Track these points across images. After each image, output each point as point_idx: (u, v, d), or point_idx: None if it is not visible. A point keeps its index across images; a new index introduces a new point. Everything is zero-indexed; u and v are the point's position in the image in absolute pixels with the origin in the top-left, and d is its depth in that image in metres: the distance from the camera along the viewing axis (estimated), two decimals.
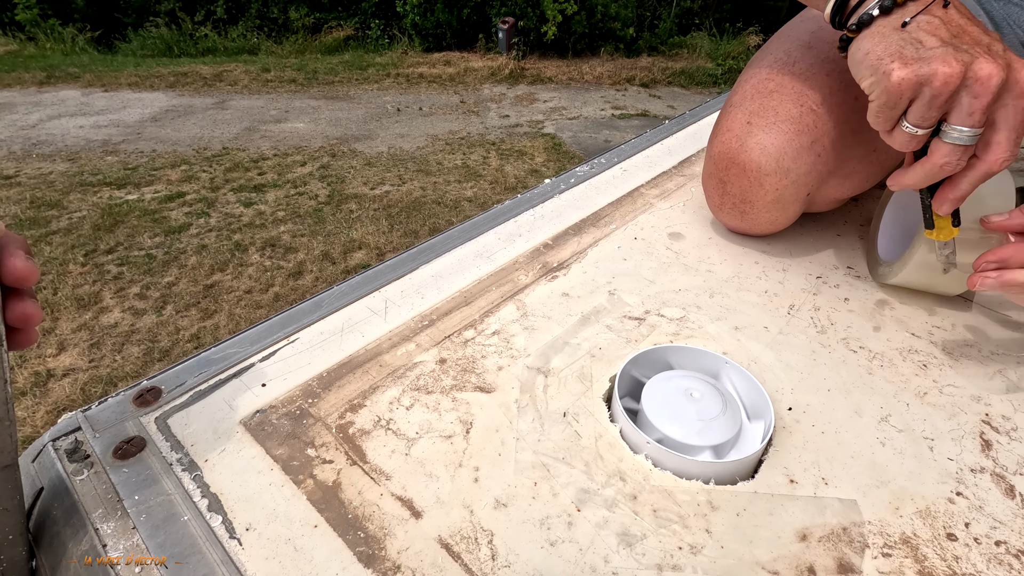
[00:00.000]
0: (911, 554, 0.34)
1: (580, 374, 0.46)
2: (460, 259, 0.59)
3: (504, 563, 0.34)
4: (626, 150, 0.80)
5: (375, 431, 0.41)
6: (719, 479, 0.39)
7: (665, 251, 0.61)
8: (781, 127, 0.54)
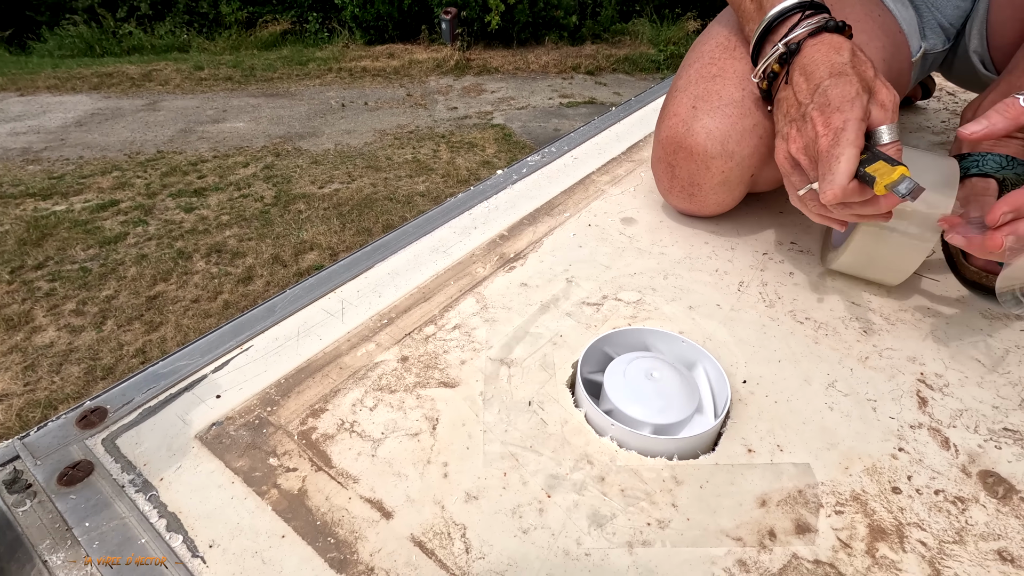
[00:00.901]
0: (861, 509, 0.37)
1: (543, 362, 0.47)
2: (416, 255, 0.58)
3: (479, 555, 0.34)
4: (575, 138, 0.81)
5: (339, 435, 0.41)
6: (682, 454, 0.40)
7: (619, 236, 0.62)
8: (725, 111, 0.56)
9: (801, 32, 0.46)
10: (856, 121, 0.41)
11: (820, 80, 0.44)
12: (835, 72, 0.43)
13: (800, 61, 0.46)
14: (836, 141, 0.41)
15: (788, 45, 0.47)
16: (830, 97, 0.43)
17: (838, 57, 0.44)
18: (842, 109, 0.42)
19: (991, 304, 0.53)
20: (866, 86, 0.43)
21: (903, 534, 0.35)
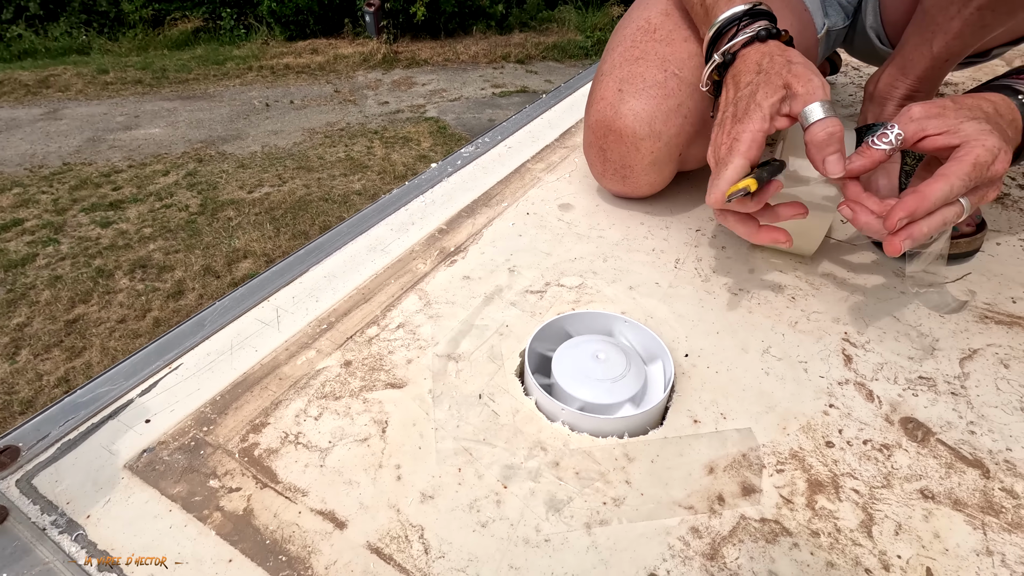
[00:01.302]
0: (799, 466, 0.39)
1: (490, 354, 0.46)
2: (353, 255, 0.56)
3: (438, 554, 0.33)
4: (508, 127, 0.80)
5: (284, 448, 0.39)
6: (632, 432, 0.41)
7: (557, 223, 0.62)
8: (649, 92, 0.57)
9: (736, 43, 0.47)
10: (752, 133, 0.42)
11: (740, 89, 0.45)
12: (753, 82, 0.45)
13: (732, 71, 0.47)
14: (729, 150, 0.43)
15: (724, 56, 0.48)
16: (739, 108, 0.44)
17: (756, 68, 0.45)
18: (743, 120, 0.43)
19: (903, 265, 0.57)
20: (776, 88, 0.43)
21: (838, 484, 0.38)
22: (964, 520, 0.36)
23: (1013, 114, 0.42)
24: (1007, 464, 0.39)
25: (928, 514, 0.36)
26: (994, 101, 0.42)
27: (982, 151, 0.38)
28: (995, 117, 0.41)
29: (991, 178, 0.39)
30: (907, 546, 0.34)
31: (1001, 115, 0.41)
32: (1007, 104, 0.42)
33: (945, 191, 0.38)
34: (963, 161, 0.38)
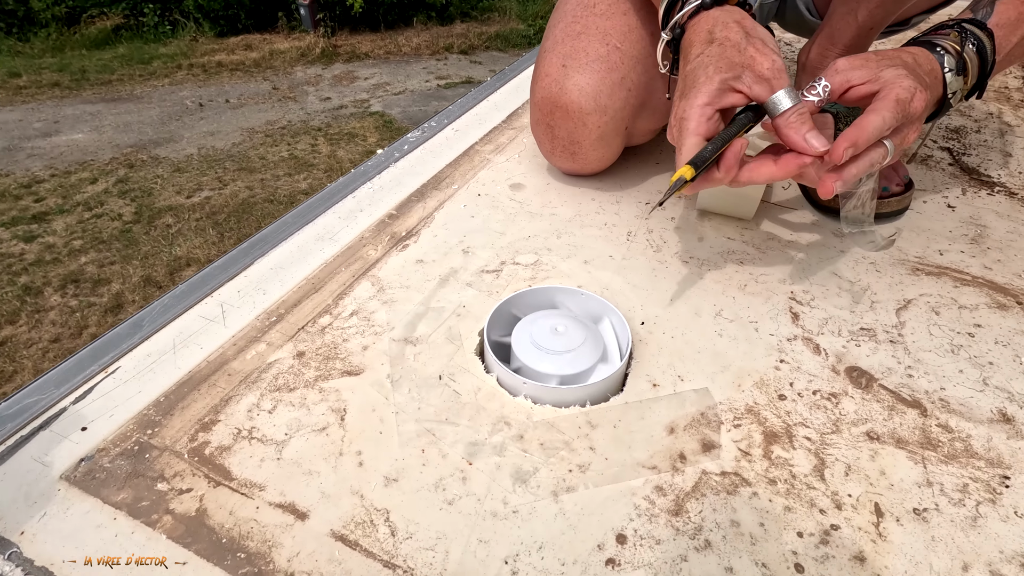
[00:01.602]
0: (755, 420, 0.40)
1: (449, 335, 0.46)
2: (300, 246, 0.54)
3: (405, 535, 0.33)
4: (454, 111, 0.79)
5: (237, 444, 0.37)
6: (593, 400, 0.41)
7: (509, 202, 0.62)
8: (593, 67, 0.57)
9: (684, 13, 0.45)
10: (696, 108, 0.41)
11: (690, 62, 0.43)
12: (704, 53, 0.42)
13: (684, 43, 0.45)
14: (680, 131, 0.41)
15: (673, 31, 0.46)
16: (687, 83, 0.42)
17: (708, 37, 0.43)
18: (689, 97, 0.41)
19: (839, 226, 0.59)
20: (729, 63, 0.41)
21: (791, 434, 0.39)
22: (906, 456, 0.38)
23: (931, 64, 0.44)
24: (942, 402, 0.41)
25: (874, 454, 0.38)
26: (914, 53, 0.44)
27: (900, 90, 0.40)
28: (913, 66, 0.43)
29: (911, 115, 0.41)
30: (856, 485, 0.36)
31: (919, 64, 0.43)
32: (926, 56, 0.44)
33: (878, 123, 0.39)
34: (887, 99, 0.40)
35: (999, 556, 0.33)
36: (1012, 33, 0.46)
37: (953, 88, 0.44)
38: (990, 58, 0.45)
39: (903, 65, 0.42)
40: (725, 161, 0.41)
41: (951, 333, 0.47)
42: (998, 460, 0.38)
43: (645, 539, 0.33)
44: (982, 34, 0.45)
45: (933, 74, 0.44)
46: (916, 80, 0.41)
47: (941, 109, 0.46)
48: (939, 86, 0.44)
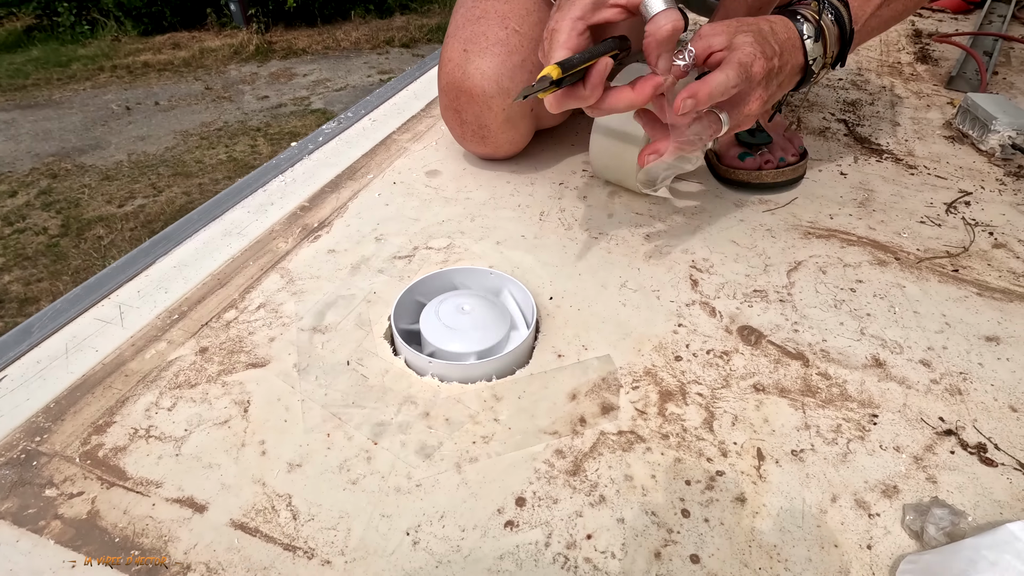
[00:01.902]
0: (652, 380, 0.42)
1: (358, 321, 0.46)
2: (206, 242, 0.53)
3: (307, 518, 0.33)
4: (372, 101, 0.79)
5: (133, 444, 0.37)
6: (500, 374, 0.42)
7: (425, 189, 0.62)
8: (493, 50, 0.58)
9: None
10: (568, 21, 0.40)
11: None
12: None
13: None
14: (551, 44, 0.41)
15: None
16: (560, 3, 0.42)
17: None
18: (563, 9, 0.41)
19: (742, 195, 0.62)
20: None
21: (685, 391, 0.41)
22: (788, 404, 0.40)
23: (789, 32, 0.45)
24: (823, 352, 0.44)
25: (759, 404, 0.40)
26: (772, 21, 0.45)
27: (743, 54, 0.41)
28: (767, 33, 0.43)
29: (751, 79, 0.41)
30: (742, 433, 0.38)
31: (775, 32, 0.44)
32: (784, 23, 0.45)
33: (721, 79, 0.39)
34: (731, 61, 0.40)
35: (864, 486, 0.36)
36: (866, 3, 0.49)
37: (813, 55, 0.46)
38: (848, 27, 0.47)
39: (756, 32, 0.43)
40: (591, 78, 0.39)
41: (835, 290, 0.50)
42: (869, 401, 0.41)
43: (543, 500, 0.35)
44: (839, 4, 0.47)
45: (791, 42, 0.45)
46: (762, 47, 0.42)
47: (804, 78, 0.48)
48: (798, 53, 0.46)
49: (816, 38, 0.46)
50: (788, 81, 0.46)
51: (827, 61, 0.48)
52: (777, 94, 0.46)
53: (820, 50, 0.46)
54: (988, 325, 0.47)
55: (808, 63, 0.46)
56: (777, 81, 0.44)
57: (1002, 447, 0.38)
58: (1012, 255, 0.54)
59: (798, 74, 0.46)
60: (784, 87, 0.46)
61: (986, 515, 0.34)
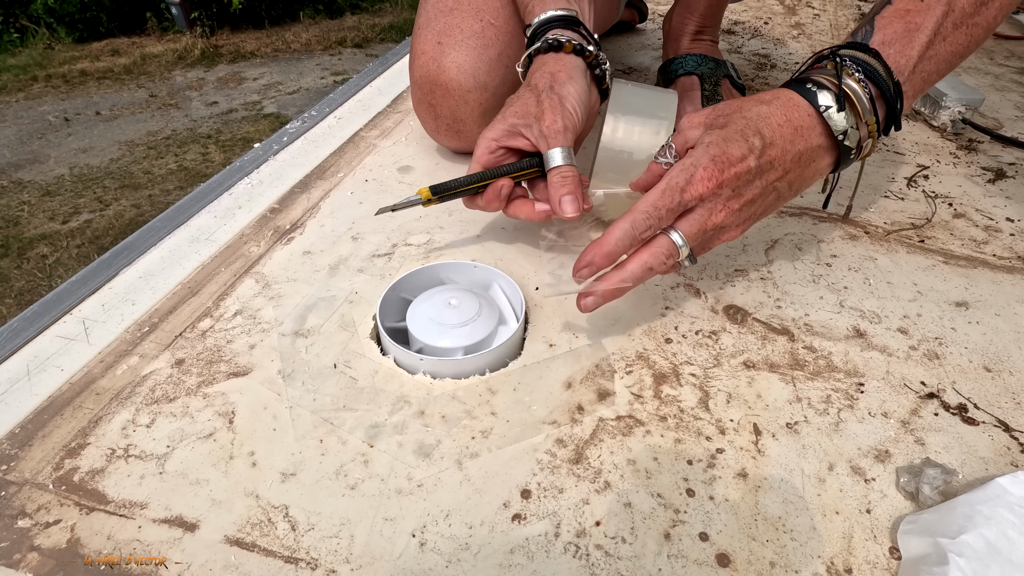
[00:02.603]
0: (645, 364, 0.42)
1: (342, 323, 0.45)
2: (173, 250, 0.51)
3: (307, 527, 0.32)
4: (336, 99, 0.77)
5: (112, 465, 0.34)
6: (492, 367, 0.42)
7: (398, 185, 0.61)
8: (469, 43, 0.57)
9: (526, 56, 0.49)
10: (485, 140, 0.46)
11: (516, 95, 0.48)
12: (519, 93, 0.47)
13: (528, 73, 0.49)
14: (474, 153, 0.47)
15: (523, 64, 0.50)
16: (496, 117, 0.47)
17: (529, 78, 0.47)
18: (491, 124, 0.47)
19: None
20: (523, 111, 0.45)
21: (678, 372, 0.41)
22: (778, 378, 0.41)
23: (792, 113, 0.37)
24: (806, 326, 0.45)
25: (751, 380, 0.41)
26: (768, 100, 0.37)
27: (676, 172, 0.36)
28: (754, 121, 0.36)
29: (686, 202, 0.36)
30: (737, 410, 0.39)
31: (767, 117, 0.37)
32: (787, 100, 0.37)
33: (618, 235, 0.36)
34: (655, 189, 0.36)
35: (857, 452, 0.36)
36: (908, 47, 0.38)
37: (841, 128, 0.37)
38: (887, 80, 0.37)
39: (727, 126, 0.36)
40: (487, 194, 0.46)
41: (812, 265, 0.52)
42: (854, 370, 0.42)
43: (548, 490, 0.34)
44: (867, 56, 0.38)
45: (790, 126, 0.37)
46: (721, 149, 0.35)
47: (840, 157, 0.39)
48: (810, 135, 0.37)
49: (840, 106, 0.37)
50: (801, 170, 0.38)
51: (871, 129, 0.38)
52: (787, 189, 0.38)
53: (852, 120, 0.37)
54: (956, 291, 0.49)
55: (839, 139, 0.37)
56: (767, 179, 0.37)
57: (981, 406, 0.39)
58: (971, 223, 0.57)
59: (824, 154, 0.38)
60: (799, 178, 0.38)
61: (973, 472, 0.35)
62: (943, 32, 0.38)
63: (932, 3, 0.38)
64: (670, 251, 0.37)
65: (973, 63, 0.93)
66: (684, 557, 0.31)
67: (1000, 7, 0.39)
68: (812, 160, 0.38)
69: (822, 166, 0.39)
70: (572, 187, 0.42)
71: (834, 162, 0.39)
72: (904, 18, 0.38)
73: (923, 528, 0.31)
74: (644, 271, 0.37)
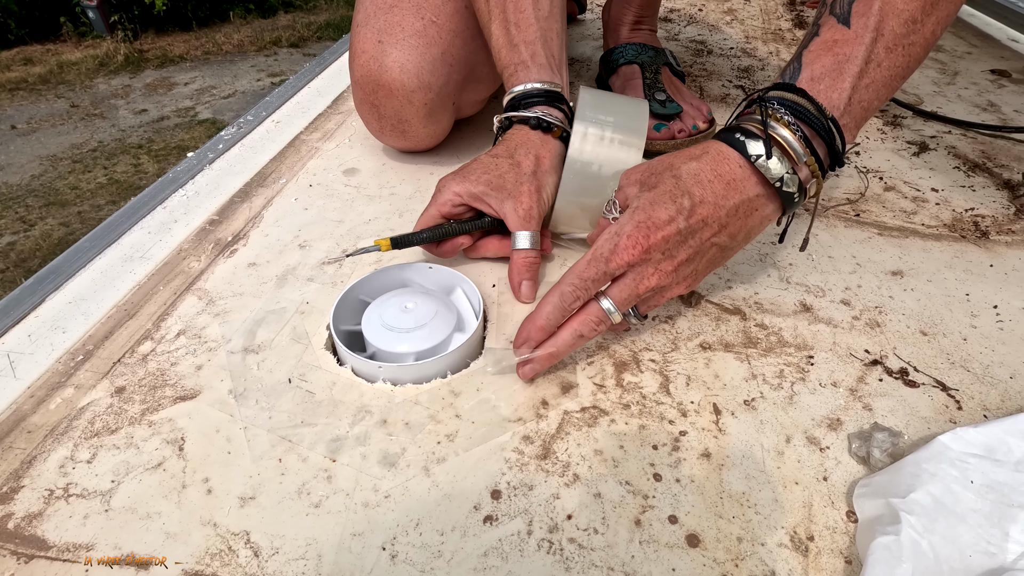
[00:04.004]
0: (605, 353, 0.42)
1: (294, 335, 0.43)
2: (104, 271, 0.48)
3: (271, 551, 0.31)
4: (272, 102, 0.74)
5: (51, 507, 0.32)
6: (454, 368, 0.41)
7: (345, 189, 0.59)
8: (411, 42, 0.56)
9: (516, 115, 0.49)
10: (450, 192, 0.47)
11: (491, 152, 0.48)
12: (494, 154, 0.48)
13: (506, 134, 0.50)
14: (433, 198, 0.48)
15: (502, 122, 0.51)
16: (468, 166, 0.48)
17: (511, 146, 0.48)
18: (458, 179, 0.47)
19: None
20: (499, 182, 0.46)
21: (638, 359, 0.42)
22: (734, 357, 0.42)
23: (722, 167, 0.36)
24: (756, 305, 0.47)
25: (708, 361, 0.42)
26: (699, 156, 0.37)
27: (602, 241, 0.36)
28: (673, 188, 0.36)
29: (612, 271, 0.36)
30: (697, 392, 0.40)
31: (697, 174, 0.36)
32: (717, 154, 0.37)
33: (548, 309, 0.37)
34: (582, 259, 0.37)
35: (811, 423, 0.38)
36: (839, 80, 0.36)
37: (777, 174, 0.36)
38: (820, 118, 0.36)
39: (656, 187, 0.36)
40: (445, 247, 0.48)
41: (758, 244, 0.53)
42: (804, 344, 0.43)
43: (518, 488, 0.34)
44: (795, 97, 0.36)
45: (721, 182, 0.36)
46: (646, 214, 0.35)
47: (784, 203, 0.37)
48: (744, 188, 0.36)
49: (769, 154, 0.35)
50: (740, 222, 0.37)
51: (812, 170, 0.37)
52: (729, 242, 0.38)
53: (787, 165, 0.36)
54: (892, 261, 0.51)
55: (777, 186, 0.36)
56: (701, 237, 0.36)
57: (920, 368, 0.42)
58: (901, 196, 0.60)
59: (764, 203, 0.37)
60: (740, 230, 0.38)
61: (918, 432, 0.37)
62: (876, 59, 0.36)
63: (860, 31, 0.36)
64: (600, 318, 0.37)
65: None
66: (655, 542, 0.31)
67: (938, 21, 0.37)
68: (753, 210, 0.37)
69: (767, 213, 0.38)
70: (533, 273, 0.46)
71: (780, 207, 0.38)
72: (832, 50, 0.37)
73: (876, 490, 0.32)
74: (575, 339, 0.38)
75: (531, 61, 0.50)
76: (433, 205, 0.47)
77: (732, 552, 0.31)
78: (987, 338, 0.44)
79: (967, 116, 0.74)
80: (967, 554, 0.28)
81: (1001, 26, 1.02)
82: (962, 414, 0.38)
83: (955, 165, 0.65)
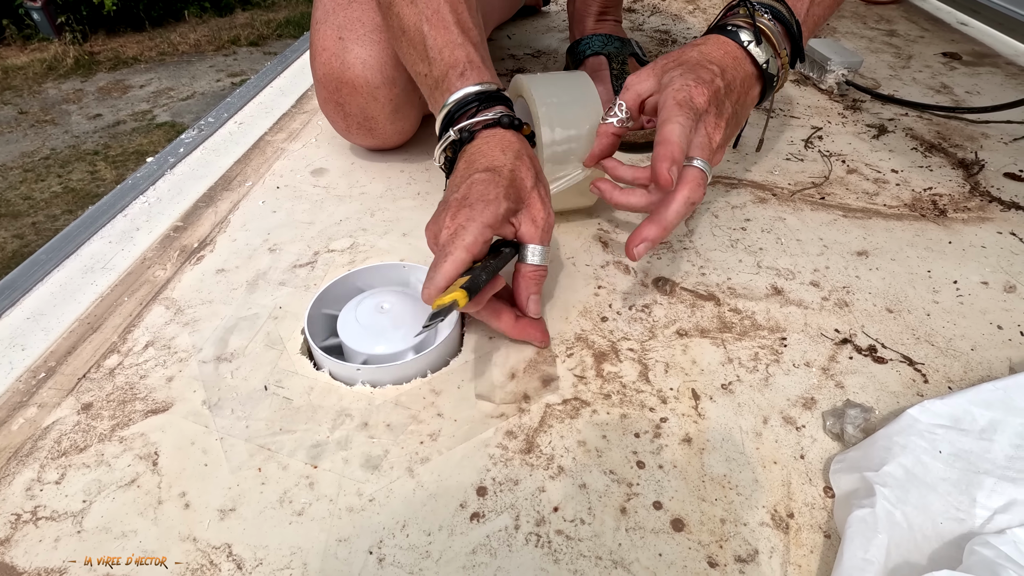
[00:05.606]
0: (584, 345, 0.43)
1: (268, 341, 0.42)
2: (63, 284, 0.46)
3: (255, 563, 0.30)
4: (234, 103, 0.72)
5: (19, 532, 0.31)
6: (434, 367, 0.41)
7: (313, 190, 0.58)
8: (372, 37, 0.55)
9: (476, 122, 0.43)
10: (479, 225, 0.37)
11: (474, 171, 0.40)
12: (489, 167, 0.40)
13: (468, 149, 0.42)
14: (452, 238, 0.37)
15: (461, 132, 0.43)
16: (471, 192, 0.38)
17: (501, 156, 0.41)
18: (473, 207, 0.37)
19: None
20: (516, 195, 0.40)
21: (617, 349, 0.42)
22: (710, 343, 0.43)
23: (725, 48, 0.43)
24: (730, 290, 0.48)
25: (685, 348, 0.43)
26: (700, 45, 0.43)
27: (673, 91, 0.39)
28: (698, 60, 0.42)
29: (698, 110, 0.39)
30: (675, 378, 0.40)
31: (707, 54, 0.42)
32: (716, 41, 0.43)
33: (678, 130, 0.38)
34: (668, 107, 0.39)
35: (787, 403, 0.39)
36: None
37: (763, 58, 0.44)
38: (791, 19, 0.45)
39: (682, 64, 0.41)
40: (478, 299, 0.38)
41: (729, 231, 0.54)
42: (776, 327, 0.44)
43: (504, 484, 0.34)
44: (772, 1, 0.45)
45: (729, 56, 0.43)
46: (696, 75, 0.40)
47: (766, 83, 0.45)
48: (745, 63, 0.43)
49: (758, 41, 0.43)
50: (745, 95, 0.44)
51: (784, 60, 0.45)
52: (741, 112, 0.44)
53: (770, 51, 0.44)
54: (856, 242, 0.53)
55: (762, 67, 0.44)
56: (731, 100, 0.42)
57: (888, 345, 0.43)
58: (863, 178, 0.62)
59: (756, 83, 0.45)
60: (744, 103, 0.44)
61: (887, 406, 0.38)
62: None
63: None
64: (702, 179, 0.40)
65: (849, 28, 1.00)
66: (641, 528, 0.32)
67: None
68: (751, 86, 0.44)
69: (754, 94, 0.45)
70: (540, 287, 0.42)
71: (760, 92, 0.45)
72: None
73: (850, 465, 0.33)
74: (687, 207, 0.39)
75: (481, 63, 0.45)
76: (459, 249, 0.37)
77: (716, 534, 0.32)
78: (948, 312, 0.45)
79: (922, 98, 0.76)
80: (938, 521, 0.30)
81: (950, 10, 1.05)
82: (928, 387, 0.40)
83: (913, 146, 0.67)
